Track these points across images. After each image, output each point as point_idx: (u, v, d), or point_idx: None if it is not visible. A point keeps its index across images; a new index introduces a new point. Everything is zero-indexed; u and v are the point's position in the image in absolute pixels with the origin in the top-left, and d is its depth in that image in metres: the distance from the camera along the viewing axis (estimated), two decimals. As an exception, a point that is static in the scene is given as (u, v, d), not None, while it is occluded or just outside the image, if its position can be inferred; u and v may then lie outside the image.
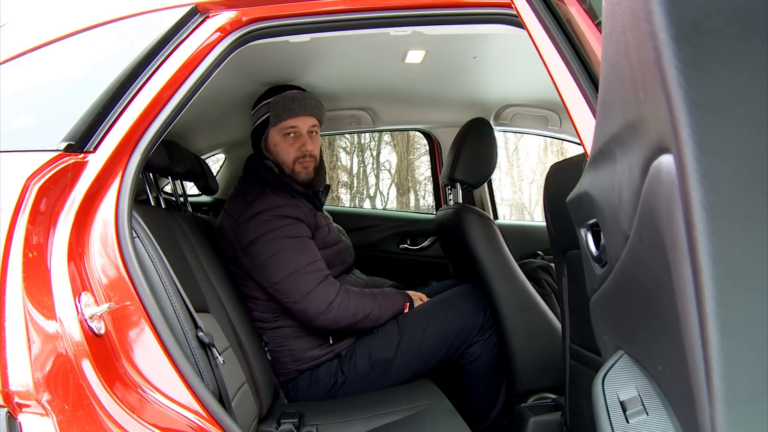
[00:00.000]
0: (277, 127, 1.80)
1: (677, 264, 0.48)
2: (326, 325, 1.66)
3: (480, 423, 1.80)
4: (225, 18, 1.16)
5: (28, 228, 0.87)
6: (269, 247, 1.64)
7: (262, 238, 1.64)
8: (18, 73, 1.15)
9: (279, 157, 1.81)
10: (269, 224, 1.65)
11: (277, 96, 1.82)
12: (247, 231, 1.66)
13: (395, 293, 1.82)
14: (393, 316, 1.76)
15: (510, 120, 2.49)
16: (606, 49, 0.64)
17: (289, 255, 1.64)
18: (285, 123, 1.79)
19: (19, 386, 0.77)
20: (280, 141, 1.80)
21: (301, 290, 1.62)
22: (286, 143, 1.80)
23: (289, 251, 1.64)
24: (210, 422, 0.94)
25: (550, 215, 1.31)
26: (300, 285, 1.63)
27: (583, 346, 1.25)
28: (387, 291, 1.83)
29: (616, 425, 0.68)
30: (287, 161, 1.80)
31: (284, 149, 1.80)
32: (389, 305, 1.75)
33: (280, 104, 1.80)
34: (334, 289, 1.66)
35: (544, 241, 2.07)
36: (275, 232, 1.65)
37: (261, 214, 1.66)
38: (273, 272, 1.64)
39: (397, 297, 1.80)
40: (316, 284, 1.63)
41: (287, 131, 1.80)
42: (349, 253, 1.89)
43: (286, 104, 1.80)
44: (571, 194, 0.86)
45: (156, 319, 0.97)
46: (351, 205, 7.14)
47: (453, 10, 1.21)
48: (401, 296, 1.81)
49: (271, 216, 1.66)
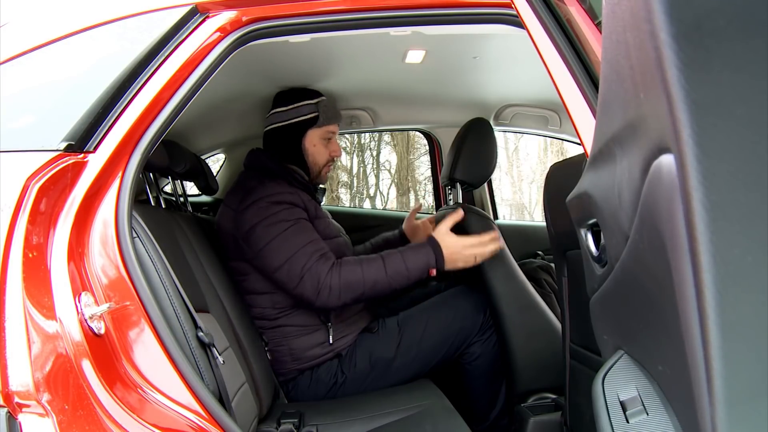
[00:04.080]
0: (322, 129, 1.85)
1: (678, 264, 0.48)
2: (328, 304, 1.59)
3: (480, 423, 1.80)
4: (225, 18, 1.16)
5: (28, 228, 0.87)
6: (267, 232, 1.63)
7: (260, 224, 1.64)
8: (18, 73, 1.15)
9: (314, 157, 1.85)
10: (265, 211, 1.65)
11: (322, 98, 1.87)
12: (245, 219, 1.66)
13: (415, 251, 1.64)
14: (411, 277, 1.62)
15: (510, 120, 2.49)
16: (606, 49, 0.64)
17: (285, 239, 1.62)
18: (330, 127, 1.86)
19: (19, 386, 0.77)
20: (319, 143, 1.85)
21: (297, 273, 1.60)
22: (323, 145, 1.86)
23: (285, 235, 1.62)
24: (210, 422, 0.94)
25: (550, 215, 1.31)
26: (296, 267, 1.60)
27: (583, 346, 1.25)
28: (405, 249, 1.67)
29: (616, 425, 0.68)
30: (320, 163, 1.86)
31: (320, 151, 1.85)
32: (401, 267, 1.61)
33: (329, 107, 1.86)
34: (327, 266, 1.59)
35: (544, 241, 2.07)
36: (271, 218, 1.64)
37: (257, 202, 1.66)
38: (272, 258, 1.62)
39: (415, 254, 1.63)
40: (311, 264, 1.59)
41: (329, 135, 1.86)
42: (348, 249, 1.88)
43: (333, 109, 1.88)
44: (571, 194, 0.86)
45: (156, 319, 0.97)
46: (351, 205, 7.14)
47: (453, 10, 1.21)
48: (422, 252, 1.63)
49: (266, 203, 1.65)
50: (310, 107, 1.84)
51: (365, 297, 1.63)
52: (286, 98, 1.87)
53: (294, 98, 1.86)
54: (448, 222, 1.68)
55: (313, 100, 1.85)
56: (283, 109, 1.86)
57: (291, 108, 1.85)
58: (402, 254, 1.64)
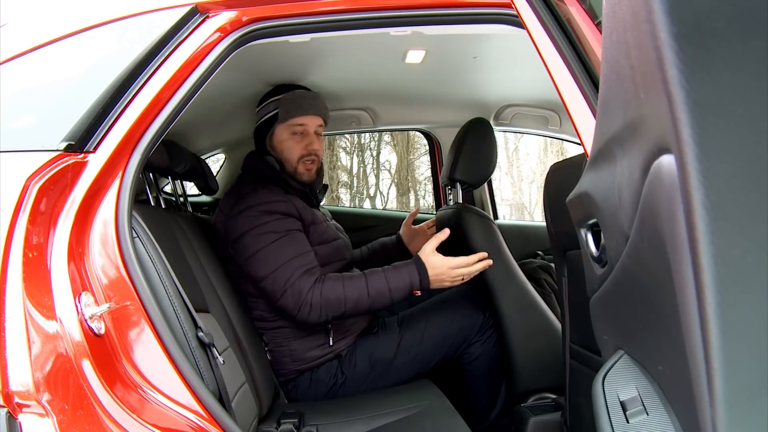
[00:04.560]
0: (285, 123, 1.79)
1: (678, 264, 0.48)
2: (309, 320, 1.59)
3: (480, 423, 1.80)
4: (225, 18, 1.16)
5: (28, 228, 0.87)
6: (255, 242, 1.62)
7: (249, 233, 1.63)
8: (18, 73, 1.15)
9: (284, 154, 1.80)
10: (256, 220, 1.63)
11: (287, 93, 1.82)
12: (236, 226, 1.65)
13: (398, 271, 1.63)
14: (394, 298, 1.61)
15: (510, 120, 2.49)
16: (606, 49, 0.64)
17: (272, 251, 1.61)
18: (294, 120, 1.79)
19: (19, 386, 0.77)
20: (287, 138, 1.80)
21: (281, 286, 1.59)
22: (293, 141, 1.79)
23: (272, 247, 1.61)
24: (210, 422, 0.94)
25: (550, 215, 1.31)
26: (280, 280, 1.59)
27: (583, 346, 1.25)
28: (391, 267, 1.65)
29: (616, 425, 0.68)
30: (292, 159, 1.79)
31: (290, 146, 1.79)
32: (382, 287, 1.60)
33: (291, 102, 1.80)
34: (309, 282, 1.58)
35: (544, 241, 2.07)
36: (261, 227, 1.63)
37: (249, 209, 1.65)
38: (258, 268, 1.61)
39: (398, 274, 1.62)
40: (294, 279, 1.58)
41: (295, 129, 1.79)
42: (348, 250, 1.88)
43: (297, 102, 1.80)
44: (571, 194, 0.86)
45: (156, 319, 0.97)
46: (351, 205, 7.13)
47: (453, 10, 1.21)
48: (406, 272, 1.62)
49: (258, 212, 1.64)
50: (273, 104, 1.82)
51: (348, 315, 1.62)
52: (262, 98, 1.88)
53: (265, 97, 1.87)
54: (433, 242, 1.66)
55: (276, 96, 1.83)
56: (258, 108, 1.88)
57: (261, 107, 1.86)
58: (385, 273, 1.62)
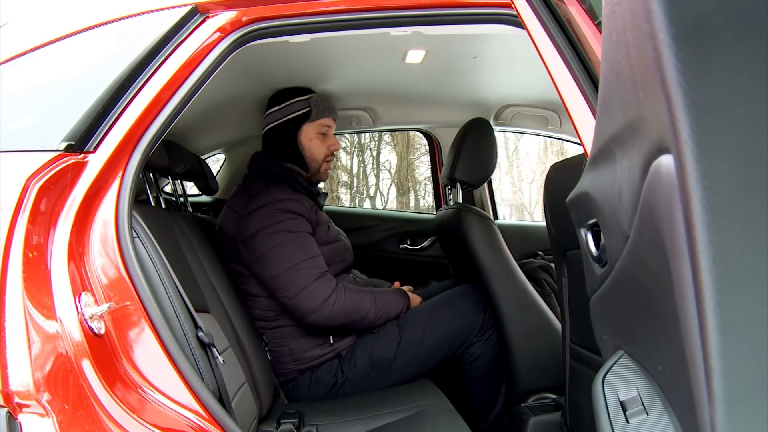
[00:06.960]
0: (316, 123, 1.85)
1: (677, 264, 0.48)
2: (319, 322, 1.65)
3: (480, 423, 1.80)
4: (225, 18, 1.16)
5: (28, 228, 0.87)
6: (269, 240, 1.64)
7: (263, 231, 1.65)
8: (18, 73, 1.15)
9: (311, 152, 1.85)
10: (271, 218, 1.66)
11: (316, 93, 1.89)
12: (249, 224, 1.67)
13: (394, 295, 1.80)
14: (389, 318, 1.76)
15: (510, 120, 2.49)
16: (606, 49, 0.64)
17: (288, 249, 1.64)
18: (324, 120, 1.86)
19: (19, 386, 0.77)
20: (315, 137, 1.86)
21: (297, 285, 1.62)
22: (319, 140, 1.86)
23: (288, 246, 1.64)
24: (210, 422, 0.94)
25: (550, 215, 1.31)
26: (296, 280, 1.62)
27: (583, 346, 1.25)
28: (386, 291, 1.82)
29: (616, 425, 0.68)
30: (318, 158, 1.86)
31: (317, 146, 1.86)
32: (386, 307, 1.74)
33: (321, 101, 1.87)
34: (330, 286, 1.65)
35: (544, 241, 2.07)
36: (276, 225, 1.65)
37: (264, 207, 1.67)
38: (271, 266, 1.64)
39: (395, 298, 1.79)
40: (312, 280, 1.63)
41: (322, 129, 1.86)
42: (349, 252, 1.89)
43: (327, 102, 1.89)
44: (571, 194, 0.86)
45: (156, 319, 0.97)
46: (351, 205, 7.13)
47: (453, 10, 1.21)
48: (400, 299, 1.80)
49: (273, 210, 1.66)
50: (302, 103, 1.86)
51: (353, 326, 1.70)
52: (279, 98, 1.89)
53: (286, 97, 1.88)
54: None
55: (304, 96, 1.87)
56: (276, 108, 1.88)
57: (284, 106, 1.87)
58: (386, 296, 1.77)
